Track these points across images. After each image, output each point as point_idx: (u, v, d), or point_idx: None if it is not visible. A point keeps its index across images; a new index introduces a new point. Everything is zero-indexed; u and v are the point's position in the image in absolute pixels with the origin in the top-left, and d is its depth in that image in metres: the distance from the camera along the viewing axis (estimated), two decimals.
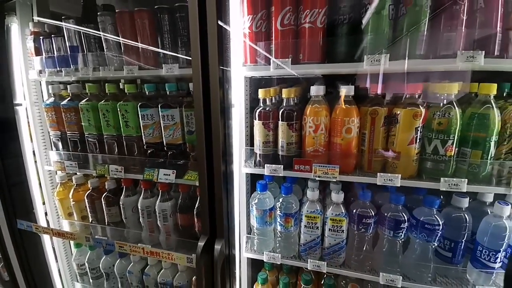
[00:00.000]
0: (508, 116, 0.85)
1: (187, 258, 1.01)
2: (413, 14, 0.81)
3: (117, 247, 1.15)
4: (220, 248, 0.90)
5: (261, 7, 0.93)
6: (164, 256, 1.05)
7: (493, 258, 0.90)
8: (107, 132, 1.25)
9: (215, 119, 0.83)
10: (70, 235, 1.25)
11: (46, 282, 1.52)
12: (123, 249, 1.14)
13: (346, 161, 0.97)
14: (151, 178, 1.17)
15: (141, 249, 1.10)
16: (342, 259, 1.07)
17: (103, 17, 1.12)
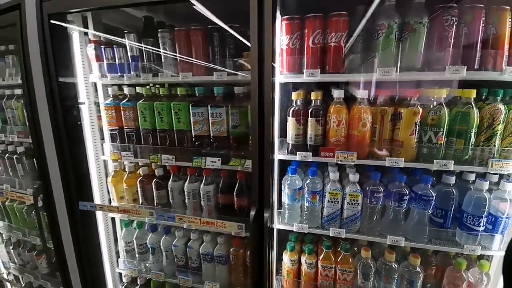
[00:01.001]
0: (484, 113, 1.13)
1: (237, 226, 1.28)
2: (413, 38, 1.10)
3: (177, 219, 1.41)
4: (267, 216, 1.17)
5: (296, 30, 1.20)
6: (218, 225, 1.32)
7: (477, 222, 1.19)
8: (160, 127, 1.50)
9: (267, 117, 1.10)
10: (136, 211, 1.50)
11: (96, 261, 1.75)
12: (182, 221, 1.41)
13: (361, 148, 1.24)
14: (199, 165, 1.43)
15: (198, 219, 1.36)
16: (357, 227, 1.35)
17: (163, 33, 1.38)
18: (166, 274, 1.72)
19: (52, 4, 1.29)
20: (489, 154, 1.12)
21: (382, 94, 1.24)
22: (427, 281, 1.38)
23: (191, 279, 1.66)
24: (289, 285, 1.51)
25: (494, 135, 1.11)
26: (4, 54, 1.92)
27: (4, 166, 2.05)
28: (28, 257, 2.24)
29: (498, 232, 1.18)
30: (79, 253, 1.61)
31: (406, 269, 1.32)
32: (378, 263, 1.37)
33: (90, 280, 1.69)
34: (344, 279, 1.40)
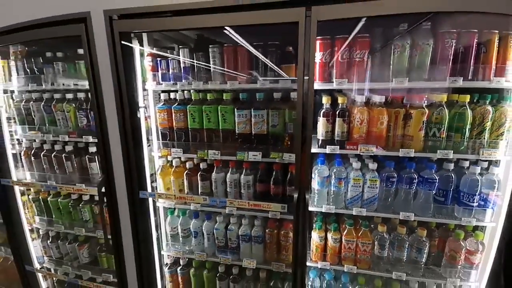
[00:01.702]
0: (476, 113, 1.45)
1: (281, 206, 1.57)
2: (422, 55, 1.41)
3: (228, 203, 1.69)
4: (308, 198, 1.46)
5: (328, 48, 1.50)
6: (264, 206, 1.60)
7: (471, 199, 1.50)
8: (207, 126, 1.77)
9: (308, 117, 1.39)
10: (190, 198, 1.77)
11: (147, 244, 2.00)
12: (232, 205, 1.68)
13: (379, 142, 1.54)
14: (242, 158, 1.71)
15: (247, 203, 1.64)
16: (375, 207, 1.65)
17: (214, 48, 1.65)
18: (207, 254, 1.98)
19: (120, 24, 1.54)
20: (480, 145, 1.44)
21: (396, 98, 1.55)
22: (431, 250, 1.69)
23: (230, 257, 1.93)
24: (317, 258, 1.80)
25: (484, 130, 1.43)
26: (53, 61, 2.13)
27: (49, 164, 2.26)
28: (68, 249, 2.44)
29: (489, 207, 1.50)
30: (137, 237, 1.85)
31: (414, 240, 1.63)
32: (392, 236, 1.68)
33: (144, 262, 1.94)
34: (364, 250, 1.70)
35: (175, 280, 2.14)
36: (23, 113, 2.22)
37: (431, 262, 1.70)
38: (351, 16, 1.24)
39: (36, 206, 2.42)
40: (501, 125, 1.43)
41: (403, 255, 1.66)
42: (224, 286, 2.03)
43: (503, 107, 1.42)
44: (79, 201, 2.25)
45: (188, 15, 1.40)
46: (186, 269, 2.11)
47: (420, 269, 1.66)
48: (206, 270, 2.06)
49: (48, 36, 1.66)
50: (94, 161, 2.10)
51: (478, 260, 1.59)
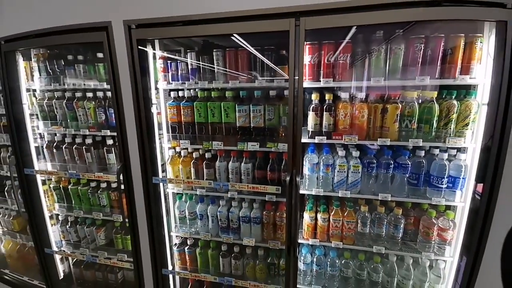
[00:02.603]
0: (443, 107, 1.68)
1: (275, 188, 1.82)
2: (395, 58, 1.65)
3: (230, 186, 1.94)
4: (299, 180, 1.70)
5: (316, 51, 1.74)
6: (261, 188, 1.85)
7: (440, 181, 1.74)
8: (212, 120, 2.02)
9: (298, 111, 1.63)
10: (197, 182, 2.02)
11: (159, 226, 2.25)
12: (234, 187, 1.94)
13: (361, 133, 1.78)
14: (242, 148, 1.96)
15: (246, 185, 1.89)
16: (358, 189, 1.89)
17: (217, 52, 1.90)
18: (211, 235, 2.24)
19: (137, 32, 1.79)
20: (446, 134, 1.68)
21: (375, 95, 1.79)
22: (408, 228, 1.93)
23: (232, 237, 2.19)
24: (309, 236, 2.04)
25: (450, 121, 1.67)
26: (74, 63, 2.39)
27: (71, 155, 2.52)
28: (86, 232, 2.70)
29: (458, 188, 1.74)
30: (150, 219, 2.11)
31: (392, 218, 1.88)
32: (373, 215, 1.92)
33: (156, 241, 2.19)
34: (349, 228, 1.94)
35: (183, 258, 2.40)
36: (45, 110, 2.47)
37: (408, 238, 1.94)
38: (333, 25, 1.48)
39: (56, 194, 2.68)
40: (466, 117, 1.65)
41: (382, 231, 1.91)
42: (227, 262, 2.28)
43: (468, 101, 1.64)
44: (97, 188, 2.51)
45: (196, 25, 1.65)
46: (192, 248, 2.37)
47: (397, 243, 1.90)
48: (210, 249, 2.32)
49: (73, 42, 1.92)
50: (111, 152, 2.35)
51: (450, 237, 1.83)
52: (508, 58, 1.37)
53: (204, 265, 2.37)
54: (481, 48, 1.58)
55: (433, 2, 1.38)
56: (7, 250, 3.27)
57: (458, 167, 1.71)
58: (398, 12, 1.40)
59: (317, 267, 2.08)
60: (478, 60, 1.58)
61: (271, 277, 2.23)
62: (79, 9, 1.88)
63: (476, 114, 1.61)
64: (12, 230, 3.10)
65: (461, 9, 1.38)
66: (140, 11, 1.73)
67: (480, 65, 1.60)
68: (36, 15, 2.02)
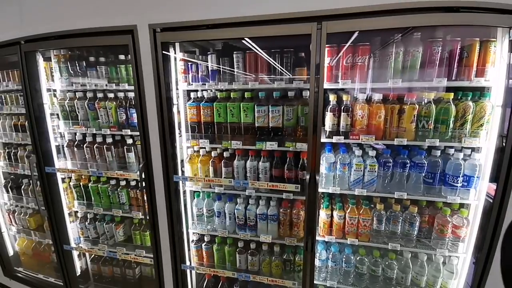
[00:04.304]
0: (459, 108, 1.72)
1: (295, 186, 1.88)
2: (413, 60, 1.70)
3: (250, 185, 2.00)
4: (319, 179, 1.76)
5: (335, 54, 1.80)
6: (280, 187, 1.91)
7: (456, 180, 1.79)
8: (231, 120, 2.08)
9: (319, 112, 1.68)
10: (218, 180, 2.09)
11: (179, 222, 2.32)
12: (254, 186, 2.00)
13: (378, 133, 1.83)
14: (261, 147, 2.01)
15: (266, 183, 1.96)
16: (374, 188, 1.95)
17: (237, 54, 1.96)
18: (229, 231, 2.31)
19: (163, 35, 1.85)
20: (462, 134, 1.72)
21: (392, 96, 1.84)
22: (423, 226, 1.98)
23: (249, 233, 2.25)
24: (325, 233, 2.10)
25: (466, 122, 1.71)
26: (96, 65, 2.47)
27: (91, 154, 2.59)
28: (105, 229, 2.78)
29: (472, 187, 1.79)
30: (171, 216, 2.18)
31: (407, 216, 1.93)
32: (388, 213, 1.98)
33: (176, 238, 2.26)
34: (364, 225, 2.00)
35: (200, 255, 2.47)
36: (66, 109, 2.55)
37: (423, 236, 1.99)
38: (354, 30, 1.54)
39: (76, 192, 2.76)
40: (481, 118, 1.70)
41: (397, 229, 1.96)
42: (243, 259, 2.35)
43: (483, 103, 1.69)
44: (117, 186, 2.59)
45: (220, 28, 1.71)
46: (209, 244, 2.43)
47: (412, 241, 1.95)
48: (227, 245, 2.38)
49: (100, 44, 1.99)
50: (131, 151, 2.43)
51: (464, 234, 1.87)
52: None
53: (220, 261, 2.44)
54: (495, 52, 1.63)
55: (452, 8, 1.42)
56: (21, 248, 3.35)
57: (473, 166, 1.75)
58: (416, 17, 1.45)
59: (332, 264, 2.14)
60: (492, 63, 1.63)
61: (286, 273, 2.29)
62: (103, 11, 1.94)
63: (490, 115, 1.66)
64: (28, 228, 3.18)
65: (477, 15, 1.43)
66: (165, 14, 1.79)
67: (493, 68, 1.64)
68: (58, 16, 2.08)
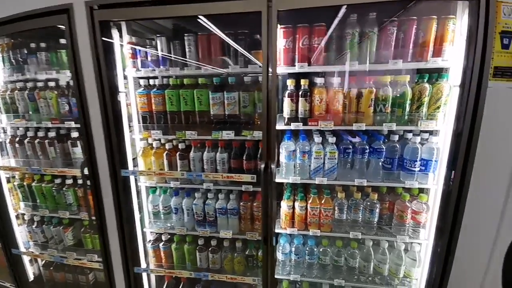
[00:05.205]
0: (415, 90, 1.69)
1: (251, 176, 1.76)
2: (369, 42, 1.64)
3: (204, 176, 1.86)
4: (274, 166, 1.66)
5: (290, 35, 1.70)
6: (236, 178, 1.79)
7: (413, 165, 1.76)
8: (185, 109, 1.93)
9: (272, 97, 1.58)
10: (169, 173, 1.93)
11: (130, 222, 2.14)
12: (208, 177, 1.87)
13: (336, 118, 1.77)
14: (217, 137, 1.88)
15: (221, 175, 1.83)
16: (335, 176, 1.88)
17: (189, 36, 1.81)
18: (187, 229, 2.16)
19: (100, 13, 1.67)
20: (419, 118, 1.70)
21: (350, 80, 1.78)
22: (384, 213, 1.95)
23: (209, 230, 2.12)
24: (286, 225, 2.02)
25: (422, 105, 1.68)
26: (37, 51, 2.21)
27: (33, 150, 2.33)
28: (53, 232, 2.53)
29: (430, 171, 1.76)
30: (120, 215, 1.99)
31: (368, 203, 1.88)
32: (349, 201, 1.92)
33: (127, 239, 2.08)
34: (326, 215, 1.93)
35: (158, 255, 2.30)
36: (8, 102, 2.29)
37: (384, 223, 1.96)
38: (307, 6, 1.45)
39: (21, 192, 2.49)
40: (438, 100, 1.67)
41: (358, 217, 1.91)
42: (204, 257, 2.21)
43: (440, 84, 1.65)
44: (62, 185, 2.35)
45: (163, 5, 1.56)
46: (168, 244, 2.27)
47: (373, 228, 1.91)
48: (186, 244, 2.23)
49: (32, 27, 1.77)
50: (76, 146, 2.21)
51: (424, 220, 1.85)
52: (480, 38, 1.38)
53: (180, 261, 2.28)
54: (454, 30, 1.59)
55: None
56: None
57: (430, 150, 1.73)
58: None
59: (295, 257, 2.06)
60: (450, 42, 1.60)
61: (249, 269, 2.18)
62: None
63: (448, 97, 1.64)
64: None
65: None
66: None
67: (452, 47, 1.61)
68: None
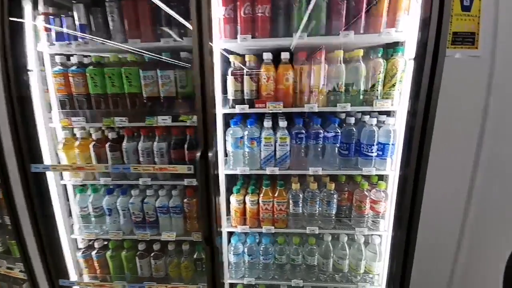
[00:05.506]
0: (369, 67, 1.53)
1: (187, 167, 1.51)
2: (317, 11, 1.45)
3: (132, 169, 1.57)
4: (212, 155, 1.42)
5: (231, 2, 1.47)
6: (169, 169, 1.53)
7: (370, 149, 1.61)
8: (112, 91, 1.63)
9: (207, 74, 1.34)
10: (90, 167, 1.61)
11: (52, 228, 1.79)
12: (137, 170, 1.58)
13: (286, 99, 1.57)
14: (152, 123, 1.61)
15: (152, 167, 1.55)
16: (288, 165, 1.68)
17: (110, 2, 1.52)
18: (124, 232, 1.85)
19: None
20: (374, 97, 1.54)
21: (301, 55, 1.59)
22: (342, 204, 1.78)
23: (149, 232, 1.83)
24: (237, 223, 1.78)
25: (377, 82, 1.53)
26: None
27: None
28: None
29: (388, 156, 1.62)
30: (34, 218, 1.65)
31: (324, 194, 1.71)
32: (305, 193, 1.73)
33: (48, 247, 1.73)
34: (280, 209, 1.73)
35: (91, 265, 1.96)
36: None
37: (343, 215, 1.80)
38: None
39: None
40: (393, 76, 1.52)
41: (315, 210, 1.73)
42: (145, 264, 1.91)
43: (395, 59, 1.51)
44: None
45: None
46: (102, 252, 1.94)
47: (331, 221, 1.74)
48: (124, 250, 1.92)
49: None
50: None
51: (383, 209, 1.71)
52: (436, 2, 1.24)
53: (118, 271, 1.96)
54: None
55: None
56: None
57: (387, 133, 1.59)
58: None
59: (249, 258, 1.84)
60: (405, 11, 1.45)
61: (198, 274, 1.92)
62: None
63: (403, 73, 1.50)
64: None
65: None
66: None
67: (408, 17, 1.45)
68: None
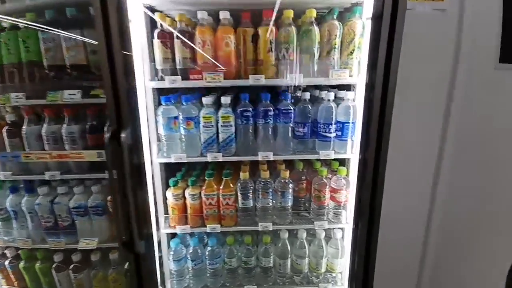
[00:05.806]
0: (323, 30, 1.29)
1: (97, 153, 1.17)
2: None
3: (23, 158, 1.21)
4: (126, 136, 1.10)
5: None
6: (73, 156, 1.18)
7: (328, 130, 1.37)
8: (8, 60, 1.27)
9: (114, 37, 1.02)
10: None
11: None
12: (29, 158, 1.21)
13: (228, 69, 1.29)
14: (55, 100, 1.26)
15: (48, 154, 1.19)
16: (234, 150, 1.40)
17: None
18: (33, 240, 1.48)
19: None
20: (329, 66, 1.31)
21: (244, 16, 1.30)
22: (300, 195, 1.53)
23: (64, 240, 1.48)
24: (176, 222, 1.48)
25: (333, 49, 1.30)
26: None
27: None
28: None
29: (348, 137, 1.39)
30: None
31: (279, 183, 1.45)
32: (256, 183, 1.47)
33: None
34: (227, 203, 1.45)
35: (7, 276, 1.59)
36: None
37: (303, 208, 1.56)
38: None
39: None
40: (350, 42, 1.30)
41: (268, 203, 1.47)
42: (64, 278, 1.55)
43: (352, 21, 1.28)
44: None
45: None
46: (15, 261, 1.56)
47: (288, 215, 1.49)
48: (38, 261, 1.55)
49: None
50: None
51: (344, 199, 1.49)
52: None
53: (35, 284, 1.59)
54: None
55: None
56: None
57: (346, 110, 1.36)
58: None
59: (193, 263, 1.54)
60: None
61: None
62: None
63: (361, 38, 1.27)
64: None
65: None
66: None
67: None
68: None
